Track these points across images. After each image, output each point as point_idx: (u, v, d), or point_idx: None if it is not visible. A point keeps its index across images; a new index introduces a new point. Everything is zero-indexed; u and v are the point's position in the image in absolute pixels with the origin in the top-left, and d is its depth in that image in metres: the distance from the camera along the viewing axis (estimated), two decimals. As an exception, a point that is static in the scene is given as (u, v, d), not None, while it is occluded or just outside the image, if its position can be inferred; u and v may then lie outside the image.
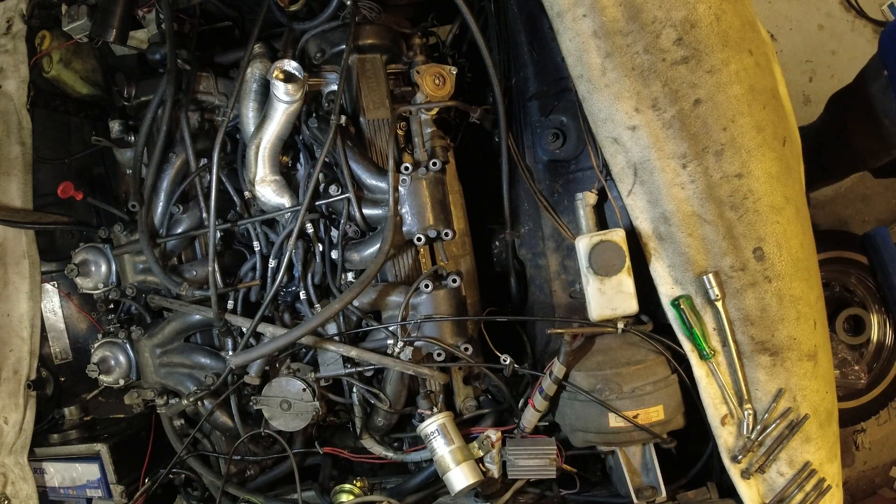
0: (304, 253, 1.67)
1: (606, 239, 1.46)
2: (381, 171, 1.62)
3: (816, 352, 1.44)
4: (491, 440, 1.57)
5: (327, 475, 1.78)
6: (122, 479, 1.88)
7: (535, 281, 1.79)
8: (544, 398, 1.54)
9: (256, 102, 1.66)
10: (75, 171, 2.01)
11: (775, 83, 1.44)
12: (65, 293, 2.04)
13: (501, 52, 1.77)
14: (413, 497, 1.68)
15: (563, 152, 1.65)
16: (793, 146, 1.45)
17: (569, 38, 1.46)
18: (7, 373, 1.89)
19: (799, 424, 1.43)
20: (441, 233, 1.58)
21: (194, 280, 1.74)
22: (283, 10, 1.65)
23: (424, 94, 1.66)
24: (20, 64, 1.85)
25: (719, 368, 1.44)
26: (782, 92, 1.44)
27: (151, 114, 1.70)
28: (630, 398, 1.45)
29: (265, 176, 1.65)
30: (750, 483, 1.45)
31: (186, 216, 1.76)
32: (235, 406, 1.74)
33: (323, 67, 1.69)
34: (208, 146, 1.69)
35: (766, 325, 1.41)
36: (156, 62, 1.72)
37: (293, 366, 1.68)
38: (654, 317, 1.54)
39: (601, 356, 1.53)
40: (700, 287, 1.43)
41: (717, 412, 1.45)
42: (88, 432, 1.97)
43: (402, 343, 1.57)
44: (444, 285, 1.61)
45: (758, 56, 1.40)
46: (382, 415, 1.70)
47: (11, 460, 1.89)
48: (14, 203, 1.86)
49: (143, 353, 1.82)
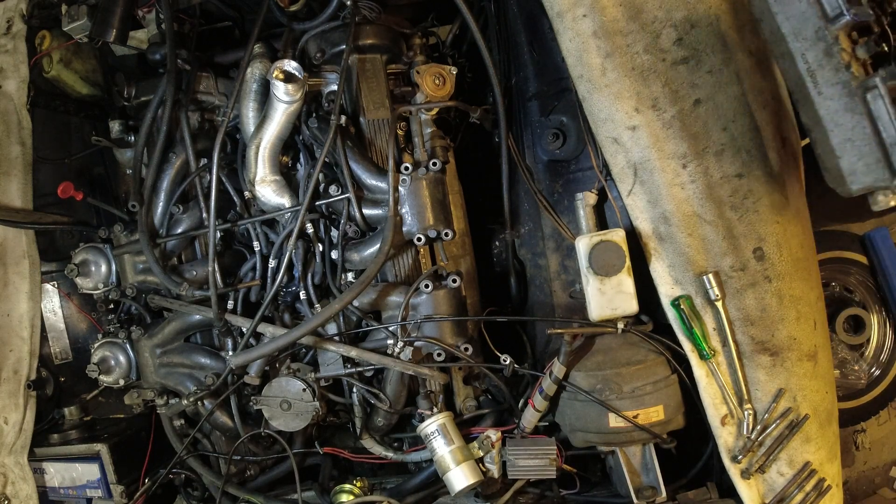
0: (304, 253, 1.67)
1: (606, 239, 1.46)
2: (381, 171, 1.62)
3: (816, 352, 1.44)
4: (491, 440, 1.57)
5: (327, 475, 1.78)
6: (122, 479, 1.88)
7: (535, 281, 1.79)
8: (544, 398, 1.54)
9: (256, 102, 1.66)
10: (75, 171, 2.01)
11: (776, 83, 1.44)
12: (65, 293, 2.04)
13: (501, 52, 1.77)
14: (413, 497, 1.68)
15: (563, 152, 1.65)
16: (793, 146, 1.45)
17: (569, 38, 1.46)
18: (7, 373, 1.89)
19: (799, 424, 1.43)
20: (441, 233, 1.58)
21: (194, 280, 1.74)
22: (283, 10, 1.65)
23: (424, 94, 1.66)
24: (20, 64, 1.85)
25: (719, 368, 1.44)
26: (782, 92, 1.44)
27: (151, 114, 1.70)
28: (630, 398, 1.45)
29: (265, 176, 1.65)
30: (750, 483, 1.45)
31: (186, 216, 1.76)
32: (235, 406, 1.74)
33: (323, 67, 1.69)
34: (208, 146, 1.69)
35: (766, 325, 1.41)
36: (156, 62, 1.72)
37: (293, 366, 1.68)
38: (654, 317, 1.54)
39: (601, 356, 1.53)
40: (700, 287, 1.43)
41: (717, 412, 1.45)
42: (88, 432, 1.97)
43: (402, 343, 1.57)
44: (444, 285, 1.61)
45: (758, 56, 1.40)
46: (382, 415, 1.70)
47: (11, 460, 1.89)
48: (14, 203, 1.86)
49: (143, 353, 1.82)
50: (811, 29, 1.11)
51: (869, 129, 1.11)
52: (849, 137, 1.16)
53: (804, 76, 1.18)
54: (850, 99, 1.12)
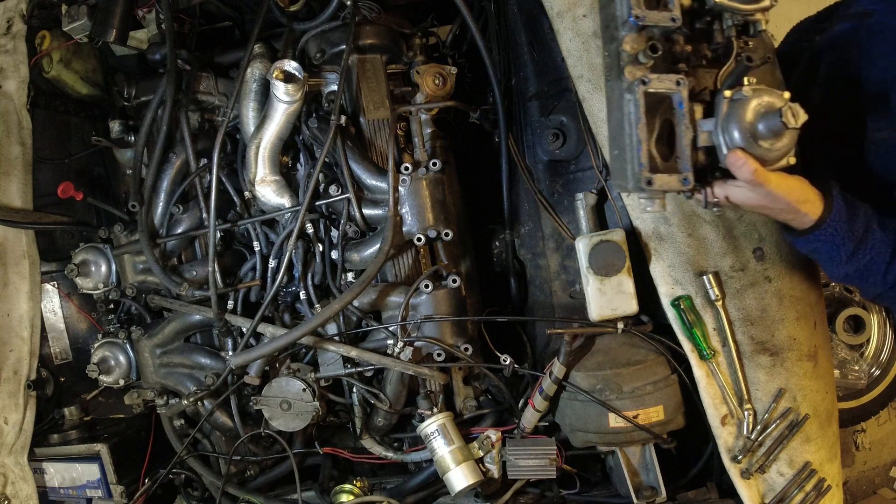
0: (304, 253, 1.67)
1: (606, 239, 1.46)
2: (381, 171, 1.62)
3: (816, 352, 1.44)
4: (491, 440, 1.57)
5: (327, 475, 1.78)
6: (122, 479, 1.88)
7: (535, 281, 1.79)
8: (544, 398, 1.54)
9: (256, 102, 1.66)
10: (75, 171, 2.01)
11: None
12: (65, 293, 2.04)
13: (501, 52, 1.77)
14: (413, 497, 1.68)
15: (563, 152, 1.65)
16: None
17: (569, 38, 1.46)
18: (7, 373, 1.89)
19: (799, 424, 1.43)
20: (441, 233, 1.58)
21: (194, 280, 1.74)
22: (283, 11, 1.65)
23: (424, 94, 1.66)
24: (20, 64, 1.85)
25: (719, 368, 1.44)
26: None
27: (151, 114, 1.70)
28: (630, 398, 1.46)
29: (265, 176, 1.65)
30: (750, 483, 1.45)
31: (186, 216, 1.76)
32: (235, 406, 1.74)
33: (323, 67, 1.69)
34: (208, 146, 1.69)
35: (766, 325, 1.41)
36: (156, 62, 1.72)
37: (293, 366, 1.68)
38: (654, 317, 1.54)
39: (601, 356, 1.53)
40: (700, 287, 1.43)
41: (718, 412, 1.45)
42: (88, 432, 1.97)
43: (402, 343, 1.57)
44: (444, 285, 1.61)
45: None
46: (382, 415, 1.70)
47: (11, 460, 1.89)
48: (14, 203, 1.85)
49: (143, 353, 1.82)
50: (615, 24, 1.14)
51: (624, 131, 1.13)
52: (612, 135, 1.19)
53: (602, 67, 1.23)
54: (619, 99, 1.14)
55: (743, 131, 1.11)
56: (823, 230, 1.20)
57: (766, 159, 1.12)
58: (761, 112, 1.11)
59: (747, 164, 1.09)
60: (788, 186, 1.15)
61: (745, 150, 1.10)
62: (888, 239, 1.23)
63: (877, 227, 1.23)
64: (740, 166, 1.10)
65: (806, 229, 1.22)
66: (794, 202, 1.17)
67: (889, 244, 1.23)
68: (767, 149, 1.11)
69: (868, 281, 1.27)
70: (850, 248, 1.22)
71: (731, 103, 1.13)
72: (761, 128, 1.10)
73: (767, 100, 1.11)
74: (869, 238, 1.22)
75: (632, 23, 1.10)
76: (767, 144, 1.11)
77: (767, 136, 1.10)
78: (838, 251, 1.23)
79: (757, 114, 1.11)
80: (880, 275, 1.25)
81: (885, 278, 1.25)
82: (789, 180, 1.16)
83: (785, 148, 1.12)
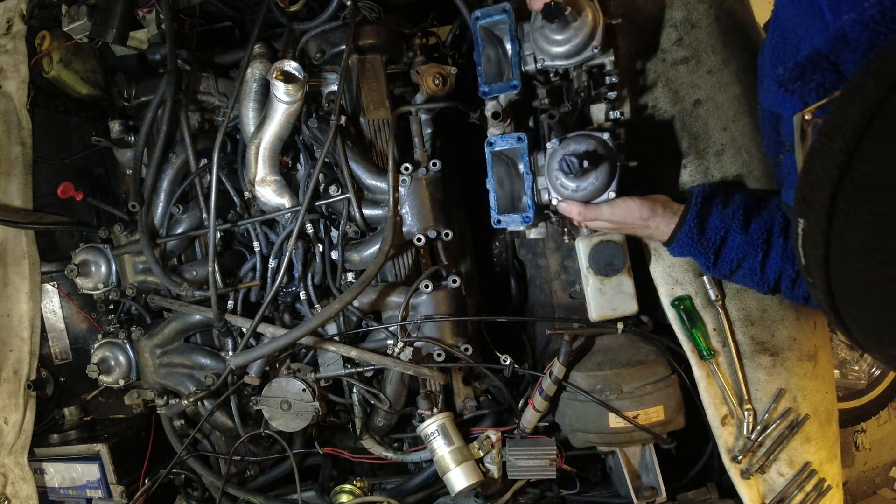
0: (304, 253, 1.67)
1: (606, 239, 1.46)
2: (381, 172, 1.62)
3: (817, 352, 1.44)
4: (491, 440, 1.58)
5: (327, 475, 1.78)
6: (122, 480, 1.87)
7: (535, 281, 1.79)
8: (544, 398, 1.54)
9: (256, 103, 1.66)
10: (75, 171, 2.01)
11: None
12: (65, 293, 2.04)
13: (501, 52, 1.76)
14: (413, 497, 1.68)
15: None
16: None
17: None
18: (7, 373, 1.89)
19: (799, 425, 1.43)
20: (441, 233, 1.58)
21: (194, 280, 1.74)
22: (283, 11, 1.65)
23: (424, 94, 1.66)
24: (20, 64, 1.84)
25: (719, 369, 1.44)
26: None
27: (151, 114, 1.70)
28: (630, 398, 1.46)
29: (265, 176, 1.65)
30: (750, 483, 1.45)
31: (186, 216, 1.76)
32: (235, 406, 1.74)
33: (323, 68, 1.69)
34: (208, 146, 1.69)
35: (766, 325, 1.41)
36: (156, 62, 1.72)
37: (293, 366, 1.68)
38: (654, 317, 1.54)
39: (601, 356, 1.53)
40: (700, 287, 1.43)
41: (718, 412, 1.45)
42: (88, 432, 1.97)
43: (402, 343, 1.57)
44: (444, 285, 1.61)
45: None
46: (382, 415, 1.70)
47: (11, 460, 1.89)
48: (14, 203, 1.85)
49: (143, 353, 1.82)
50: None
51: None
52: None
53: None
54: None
55: (553, 182, 1.25)
56: (678, 242, 1.25)
57: (589, 194, 1.22)
58: (555, 157, 1.22)
59: (572, 210, 1.25)
60: (624, 211, 1.23)
61: (566, 196, 1.24)
62: (755, 240, 1.22)
63: (738, 232, 1.23)
64: (569, 213, 1.26)
65: (665, 242, 1.28)
66: (638, 221, 1.24)
67: (758, 245, 1.22)
68: (576, 188, 1.22)
69: (749, 282, 1.29)
70: (710, 256, 1.25)
71: (550, 155, 1.26)
72: (557, 170, 1.22)
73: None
74: (726, 246, 1.24)
75: (480, 95, 1.37)
76: (574, 185, 1.22)
77: (568, 173, 1.19)
78: (701, 259, 1.27)
79: (554, 160, 1.23)
80: (758, 275, 1.25)
81: (764, 278, 1.25)
82: (624, 205, 1.23)
83: (598, 182, 1.21)
